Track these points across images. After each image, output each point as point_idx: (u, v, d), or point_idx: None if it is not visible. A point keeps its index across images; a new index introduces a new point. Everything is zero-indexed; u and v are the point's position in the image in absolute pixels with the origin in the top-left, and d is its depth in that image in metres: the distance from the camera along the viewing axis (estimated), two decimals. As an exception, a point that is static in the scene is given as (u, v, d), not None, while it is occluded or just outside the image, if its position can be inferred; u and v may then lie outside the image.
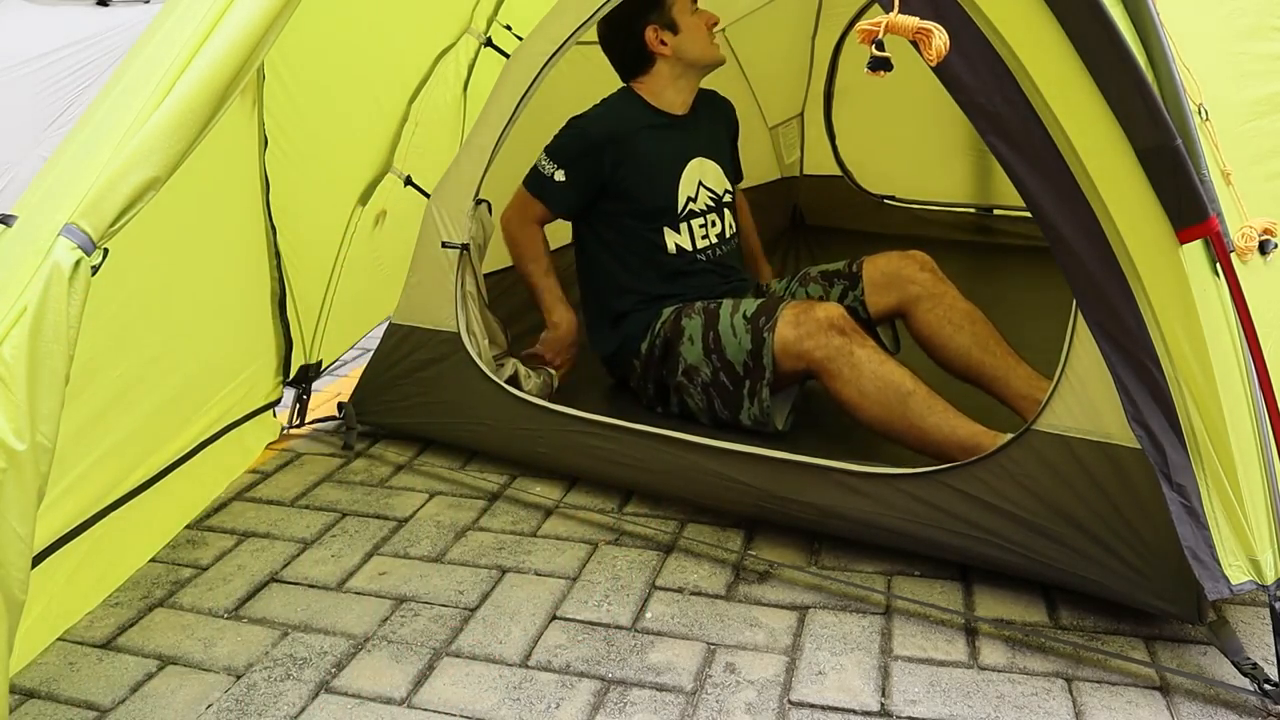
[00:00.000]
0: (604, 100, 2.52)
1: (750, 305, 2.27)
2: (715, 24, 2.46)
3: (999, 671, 1.71)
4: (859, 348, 2.08)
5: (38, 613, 1.80)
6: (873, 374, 2.05)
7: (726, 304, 2.31)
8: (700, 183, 2.49)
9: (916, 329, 2.33)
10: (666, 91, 2.49)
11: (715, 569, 2.05)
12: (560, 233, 2.63)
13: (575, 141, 2.44)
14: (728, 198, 2.55)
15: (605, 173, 2.42)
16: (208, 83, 1.37)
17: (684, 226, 2.46)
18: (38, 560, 1.79)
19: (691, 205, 2.47)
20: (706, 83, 2.58)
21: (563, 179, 2.43)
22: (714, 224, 2.50)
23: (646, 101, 2.50)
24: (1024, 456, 1.79)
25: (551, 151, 2.46)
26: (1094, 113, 1.55)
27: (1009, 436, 1.84)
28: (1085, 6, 1.50)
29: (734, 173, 2.67)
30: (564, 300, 2.56)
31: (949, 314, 2.27)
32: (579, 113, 2.50)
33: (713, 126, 2.59)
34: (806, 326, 2.13)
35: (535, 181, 2.47)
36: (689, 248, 2.46)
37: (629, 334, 2.48)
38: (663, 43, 2.44)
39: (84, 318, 1.31)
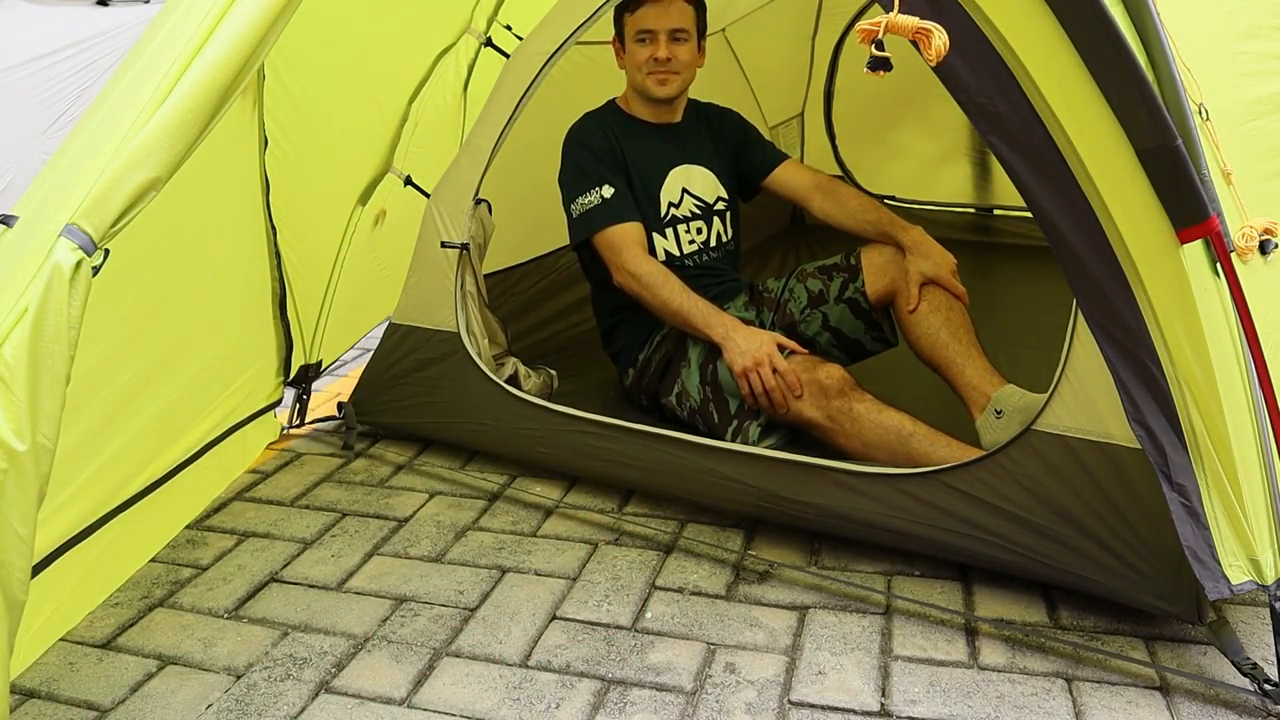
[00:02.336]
0: (585, 114, 2.50)
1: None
2: (660, 60, 2.36)
3: (999, 671, 1.71)
4: (857, 403, 2.08)
5: (46, 616, 1.80)
6: (873, 424, 2.05)
7: None
8: (685, 189, 2.49)
9: (900, 305, 2.33)
10: (634, 103, 2.51)
11: (715, 569, 2.05)
12: (558, 234, 2.62)
13: (587, 153, 2.41)
14: (720, 205, 2.53)
15: (625, 163, 2.42)
16: (208, 83, 1.38)
17: (669, 232, 2.46)
18: (45, 565, 1.79)
19: (674, 211, 2.47)
20: (707, 85, 2.57)
21: (612, 190, 2.36)
22: (700, 231, 2.49)
23: (623, 110, 2.51)
24: (1024, 456, 1.79)
25: (576, 180, 2.39)
26: (1094, 113, 1.55)
27: None
28: (1085, 6, 1.50)
29: (743, 177, 2.62)
30: (719, 310, 2.27)
31: (932, 293, 2.27)
32: (569, 132, 2.46)
33: (706, 136, 2.56)
34: (807, 390, 2.11)
35: (599, 215, 2.35)
36: (676, 253, 2.45)
37: (626, 343, 2.49)
38: (619, 55, 2.47)
39: (90, 323, 1.31)
